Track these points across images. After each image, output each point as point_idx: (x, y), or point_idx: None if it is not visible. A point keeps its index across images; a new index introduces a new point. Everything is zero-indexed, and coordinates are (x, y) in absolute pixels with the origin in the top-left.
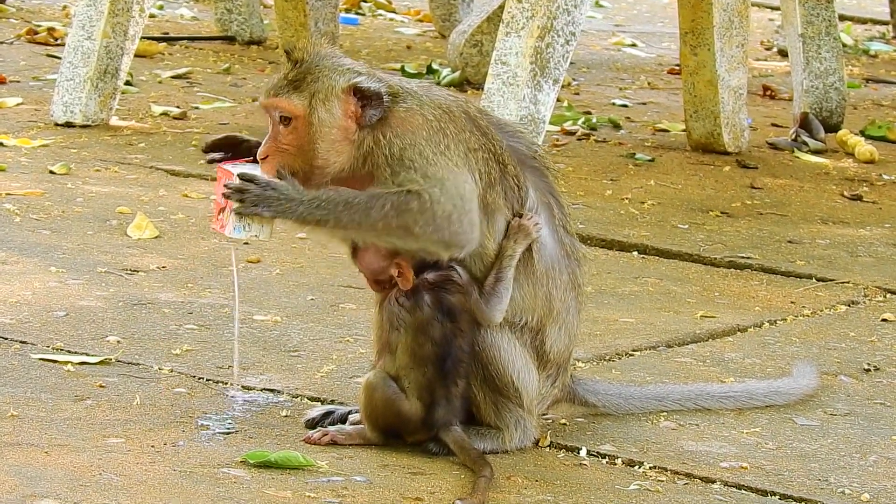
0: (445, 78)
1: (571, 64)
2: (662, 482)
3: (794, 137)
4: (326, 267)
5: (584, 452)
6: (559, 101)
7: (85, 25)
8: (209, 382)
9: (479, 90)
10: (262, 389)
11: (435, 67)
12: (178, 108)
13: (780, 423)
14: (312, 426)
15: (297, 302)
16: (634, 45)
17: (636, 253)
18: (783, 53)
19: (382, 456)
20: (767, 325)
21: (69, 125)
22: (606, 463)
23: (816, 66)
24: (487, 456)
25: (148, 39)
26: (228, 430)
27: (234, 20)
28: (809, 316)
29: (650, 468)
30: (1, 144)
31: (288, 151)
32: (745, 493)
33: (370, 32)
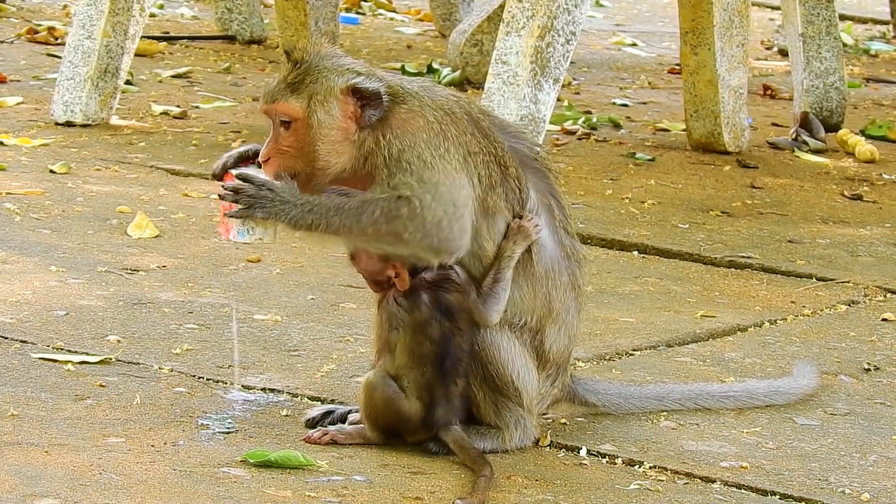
0: (446, 77)
1: (572, 63)
2: (662, 482)
3: (794, 137)
4: (327, 266)
5: (584, 452)
6: (559, 100)
7: (85, 24)
8: (209, 382)
9: (479, 90)
10: (262, 389)
11: (435, 67)
12: (178, 107)
13: (780, 422)
14: (312, 425)
15: (297, 301)
16: (635, 44)
17: (636, 252)
18: (783, 53)
19: (382, 455)
20: (768, 324)
21: (69, 124)
22: (606, 462)
23: (817, 65)
24: (487, 455)
25: (148, 39)
26: (228, 429)
27: (234, 19)
28: (809, 315)
29: (650, 468)
30: (1, 143)
31: (289, 154)
32: (745, 492)
33: (370, 32)
